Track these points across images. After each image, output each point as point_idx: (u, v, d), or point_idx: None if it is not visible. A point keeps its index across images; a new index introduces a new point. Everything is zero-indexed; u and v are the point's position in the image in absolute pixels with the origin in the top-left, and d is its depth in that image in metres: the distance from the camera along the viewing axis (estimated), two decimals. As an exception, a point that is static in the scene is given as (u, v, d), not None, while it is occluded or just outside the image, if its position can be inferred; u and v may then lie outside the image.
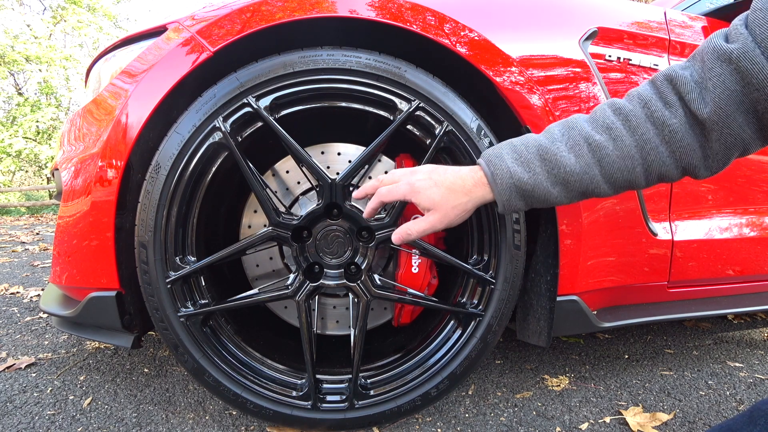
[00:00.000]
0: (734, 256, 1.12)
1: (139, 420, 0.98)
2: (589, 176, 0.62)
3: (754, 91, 0.53)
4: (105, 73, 0.95)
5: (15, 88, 13.58)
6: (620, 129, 0.61)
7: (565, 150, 0.63)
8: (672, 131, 0.59)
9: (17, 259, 3.36)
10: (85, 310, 0.91)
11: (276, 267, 1.08)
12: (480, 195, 0.67)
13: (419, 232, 0.69)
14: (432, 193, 0.67)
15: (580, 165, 0.62)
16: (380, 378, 0.93)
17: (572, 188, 0.64)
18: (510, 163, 0.65)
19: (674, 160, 0.60)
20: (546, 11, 0.93)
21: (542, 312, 0.96)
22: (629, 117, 0.61)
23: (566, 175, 0.63)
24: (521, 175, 0.64)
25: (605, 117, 0.63)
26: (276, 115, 0.85)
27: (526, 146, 0.65)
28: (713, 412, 1.03)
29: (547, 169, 0.63)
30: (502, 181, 0.65)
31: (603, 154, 0.61)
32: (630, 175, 0.62)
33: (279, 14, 0.81)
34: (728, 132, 0.56)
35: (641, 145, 0.60)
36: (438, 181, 0.68)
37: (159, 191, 0.82)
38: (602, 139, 0.62)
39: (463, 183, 0.67)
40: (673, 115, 0.59)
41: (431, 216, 0.68)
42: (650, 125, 0.60)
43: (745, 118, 0.55)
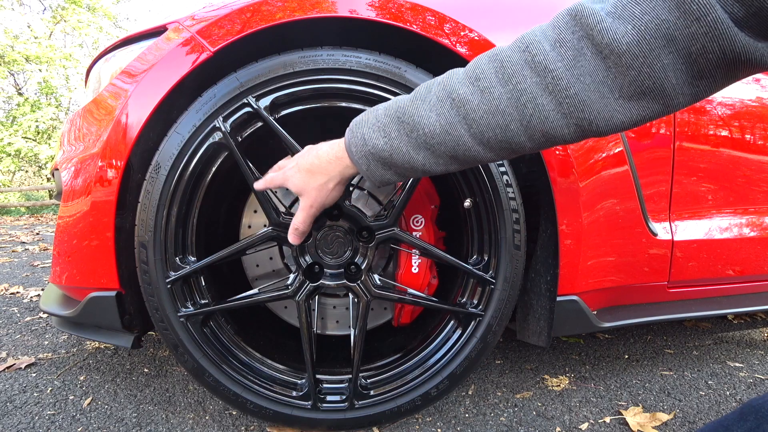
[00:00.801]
0: (734, 256, 1.12)
1: (139, 420, 0.98)
2: (453, 137, 0.54)
3: (693, 21, 0.42)
4: (105, 73, 0.95)
5: (15, 88, 13.58)
6: (490, 78, 0.52)
7: (426, 109, 0.55)
8: (556, 77, 0.48)
9: (17, 259, 3.36)
10: (85, 310, 0.91)
11: (276, 267, 1.08)
12: (337, 171, 0.64)
13: (302, 222, 0.71)
14: (296, 179, 0.67)
15: (441, 124, 0.54)
16: (380, 378, 0.93)
17: (438, 151, 0.56)
18: (366, 129, 0.60)
19: (563, 114, 0.50)
20: (546, 11, 0.93)
21: (542, 312, 0.96)
22: (504, 63, 0.51)
23: (426, 136, 0.55)
24: (376, 140, 0.58)
25: (477, 65, 0.54)
26: (276, 115, 0.85)
27: (387, 110, 0.59)
28: (713, 412, 1.03)
29: (405, 132, 0.57)
30: (357, 150, 0.60)
31: (467, 109, 0.53)
32: (505, 134, 0.53)
33: (279, 14, 0.81)
34: (648, 72, 0.45)
35: (515, 96, 0.50)
36: (301, 165, 0.67)
37: (159, 191, 0.82)
38: (467, 91, 0.53)
39: (319, 162, 0.65)
40: (560, 56, 0.48)
41: (302, 202, 0.69)
42: (528, 71, 0.50)
43: (673, 60, 0.45)
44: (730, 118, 1.07)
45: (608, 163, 0.91)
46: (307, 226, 0.72)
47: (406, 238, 0.87)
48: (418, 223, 0.98)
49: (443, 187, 1.04)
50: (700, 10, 0.42)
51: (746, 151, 1.10)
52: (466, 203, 0.91)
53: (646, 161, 0.98)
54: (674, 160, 1.01)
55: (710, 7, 0.42)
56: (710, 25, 0.42)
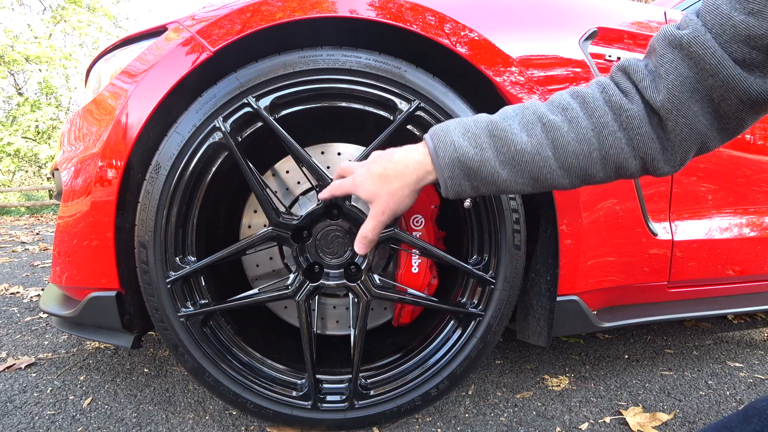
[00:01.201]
0: (734, 256, 1.12)
1: (139, 420, 0.98)
2: (541, 157, 0.57)
3: (708, 77, 0.51)
4: (105, 73, 0.95)
5: (15, 88, 13.58)
6: (577, 110, 0.58)
7: (518, 128, 0.58)
8: (629, 117, 0.55)
9: (17, 259, 3.36)
10: (85, 310, 0.91)
11: (276, 267, 1.08)
12: (415, 178, 0.62)
13: (372, 231, 0.68)
14: (368, 184, 0.65)
15: (532, 144, 0.57)
16: (380, 378, 0.93)
17: (523, 171, 0.58)
18: (456, 136, 0.60)
19: (632, 148, 0.57)
20: (546, 11, 0.93)
21: (542, 312, 0.96)
22: (586, 99, 0.58)
23: (516, 153, 0.58)
24: (467, 149, 0.59)
25: (562, 99, 0.60)
26: (276, 115, 0.85)
27: (476, 122, 0.61)
28: (713, 412, 1.03)
29: (496, 146, 0.58)
30: (444, 155, 0.59)
31: (557, 134, 0.57)
32: (586, 161, 0.58)
33: (279, 14, 0.81)
34: (683, 122, 0.53)
35: (598, 128, 0.57)
36: (372, 171, 0.65)
37: (159, 191, 0.82)
38: (557, 119, 0.58)
39: (394, 167, 0.63)
40: (630, 101, 0.56)
41: (372, 209, 0.66)
42: (608, 109, 0.57)
43: (701, 107, 0.53)
44: (730, 118, 1.07)
45: (608, 163, 0.91)
46: (377, 235, 0.69)
47: (406, 238, 0.87)
48: (418, 223, 0.98)
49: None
50: (712, 69, 0.50)
51: (746, 151, 1.10)
52: (466, 203, 0.91)
53: (646, 161, 0.98)
54: (674, 160, 1.01)
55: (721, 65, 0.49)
56: (723, 79, 0.50)
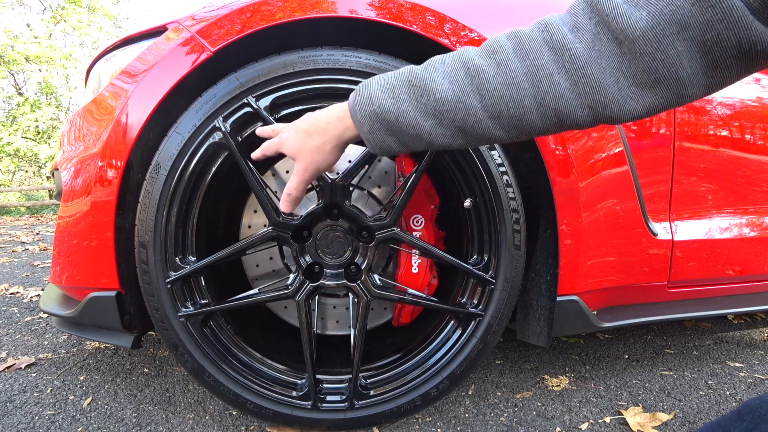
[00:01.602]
0: (734, 256, 1.12)
1: (139, 420, 0.98)
2: (465, 106, 0.53)
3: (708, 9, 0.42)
4: (105, 73, 0.95)
5: (15, 88, 13.58)
6: (508, 52, 0.51)
7: (439, 75, 0.54)
8: (573, 56, 0.48)
9: (17, 259, 3.36)
10: (85, 310, 0.91)
11: (276, 267, 1.08)
12: (336, 133, 0.61)
13: (296, 188, 0.67)
14: (292, 140, 0.65)
15: (454, 91, 0.53)
16: (380, 378, 0.93)
17: (447, 121, 0.54)
18: (373, 89, 0.57)
19: (577, 94, 0.50)
20: (546, 11, 0.93)
21: (542, 312, 0.96)
22: (522, 40, 0.51)
23: (437, 102, 0.53)
24: (383, 101, 0.55)
25: (495, 41, 0.54)
26: (276, 115, 0.85)
27: (398, 74, 0.57)
28: (713, 412, 1.03)
29: (415, 96, 0.54)
30: (361, 109, 0.57)
31: (482, 79, 0.52)
32: (517, 109, 0.52)
33: (279, 14, 0.81)
34: (662, 58, 0.45)
35: (532, 71, 0.50)
36: (297, 127, 0.64)
37: (159, 191, 0.82)
38: (483, 63, 0.52)
39: (317, 122, 0.62)
40: (578, 39, 0.49)
41: (296, 165, 0.65)
42: (546, 49, 0.50)
43: (688, 47, 0.44)
44: (730, 118, 1.07)
45: (608, 162, 0.91)
46: (301, 192, 0.68)
47: (406, 238, 0.87)
48: (418, 223, 0.98)
49: (443, 187, 1.04)
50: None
51: (746, 151, 1.10)
52: (466, 203, 0.91)
53: (646, 161, 0.98)
54: (674, 160, 1.01)
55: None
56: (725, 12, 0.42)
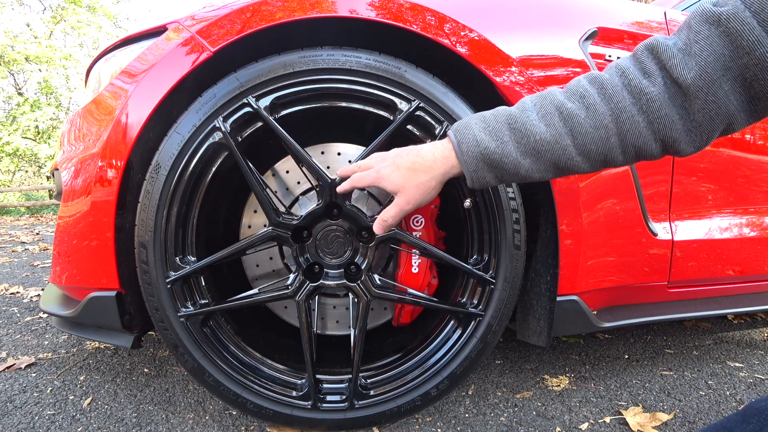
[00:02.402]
0: (734, 256, 1.12)
1: (139, 420, 0.98)
2: (560, 146, 0.60)
3: (744, 55, 0.51)
4: (105, 73, 0.95)
5: (15, 88, 13.58)
6: (594, 97, 0.59)
7: (536, 119, 0.61)
8: (649, 99, 0.56)
9: (17, 259, 3.36)
10: (85, 310, 0.91)
11: (276, 267, 1.08)
12: (442, 171, 0.67)
13: (394, 217, 0.71)
14: (395, 176, 0.69)
15: (551, 134, 0.60)
16: (380, 378, 0.93)
17: (544, 159, 0.61)
18: (477, 131, 0.63)
19: (652, 131, 0.58)
20: (546, 11, 0.93)
21: (542, 312, 0.96)
22: (604, 85, 0.59)
23: (536, 144, 0.60)
24: (488, 143, 0.62)
25: (579, 86, 0.61)
26: (276, 115, 0.85)
27: (496, 116, 0.64)
28: (713, 412, 1.03)
29: (516, 138, 0.61)
30: (468, 150, 0.63)
31: (575, 123, 0.59)
32: (604, 147, 0.59)
33: (279, 14, 0.81)
34: (713, 100, 0.53)
35: (616, 114, 0.58)
36: (399, 164, 0.69)
37: (159, 191, 0.82)
38: (574, 107, 0.59)
39: (423, 161, 0.68)
40: (651, 83, 0.56)
41: (398, 198, 0.70)
42: (626, 93, 0.57)
43: (732, 86, 0.53)
44: (730, 118, 1.07)
45: (608, 163, 0.91)
46: (397, 222, 0.73)
47: (406, 238, 0.87)
48: (418, 223, 0.98)
49: (443, 187, 1.03)
50: (749, 46, 0.50)
51: (746, 151, 1.10)
52: (466, 203, 0.91)
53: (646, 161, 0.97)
54: (674, 160, 1.01)
55: (758, 42, 0.49)
56: (759, 57, 0.50)
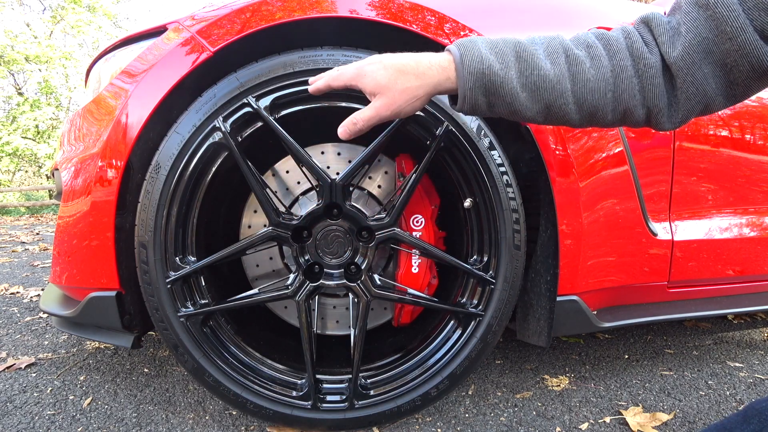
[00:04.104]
0: (734, 256, 1.12)
1: (139, 420, 0.98)
2: (560, 87, 0.59)
3: (727, 40, 0.52)
4: (105, 73, 0.95)
5: (15, 87, 13.58)
6: (600, 50, 0.59)
7: (543, 55, 0.59)
8: (647, 65, 0.57)
9: (17, 259, 3.36)
10: (85, 310, 0.91)
11: (276, 267, 1.08)
12: (435, 80, 0.60)
13: (366, 120, 0.62)
14: (379, 75, 0.60)
15: (555, 73, 0.58)
16: (380, 378, 0.93)
17: (540, 97, 0.59)
18: (484, 49, 0.59)
19: (643, 96, 0.59)
20: (546, 11, 0.93)
21: (542, 312, 0.96)
22: (610, 42, 0.60)
23: (538, 79, 0.58)
24: (493, 63, 0.58)
25: (587, 37, 0.61)
26: (276, 115, 0.85)
27: (504, 41, 0.61)
28: (713, 412, 1.03)
29: (520, 68, 0.59)
30: (470, 65, 0.58)
31: (579, 68, 0.59)
32: (600, 100, 0.59)
33: (279, 14, 0.81)
34: (691, 81, 0.55)
35: (617, 71, 0.58)
36: (387, 64, 0.61)
37: (159, 191, 0.82)
38: (581, 53, 0.59)
39: (416, 65, 0.60)
40: (650, 52, 0.58)
41: (376, 100, 0.61)
42: (628, 54, 0.58)
43: (712, 69, 0.54)
44: (730, 118, 1.07)
45: (608, 163, 0.91)
46: (368, 127, 0.63)
47: (406, 238, 0.87)
48: (418, 223, 0.98)
49: (443, 187, 1.04)
50: (733, 31, 0.51)
51: (746, 151, 1.10)
52: (466, 203, 0.91)
53: (646, 161, 0.98)
54: (674, 160, 1.01)
55: (742, 29, 0.51)
56: (740, 44, 0.52)
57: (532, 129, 0.85)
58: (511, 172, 0.86)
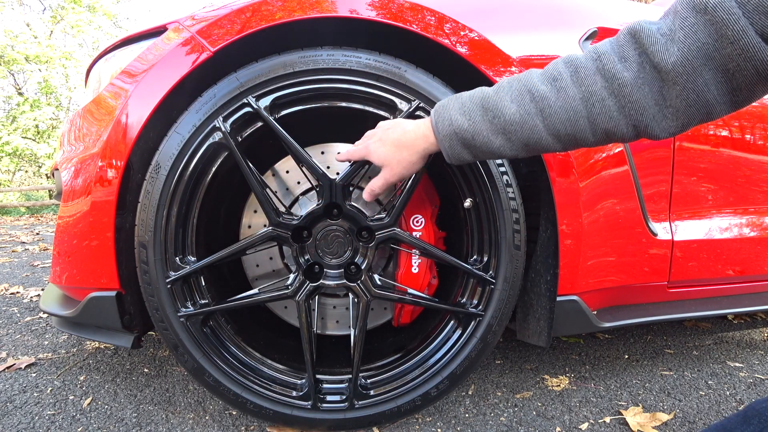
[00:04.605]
0: (734, 256, 1.12)
1: (139, 420, 0.98)
2: (529, 126, 0.62)
3: (728, 45, 0.51)
4: (105, 73, 0.95)
5: (15, 87, 13.58)
6: (566, 80, 0.61)
7: (508, 100, 0.64)
8: (621, 84, 0.57)
9: (17, 259, 3.36)
10: (85, 310, 0.91)
11: (276, 267, 1.08)
12: (422, 148, 0.72)
13: (380, 187, 0.77)
14: (381, 151, 0.75)
15: (520, 114, 0.62)
16: (380, 378, 0.93)
17: (514, 138, 0.64)
18: (453, 112, 0.68)
19: (623, 115, 0.59)
20: (546, 11, 0.93)
21: (542, 312, 0.96)
22: (578, 68, 0.60)
23: (506, 124, 0.64)
24: (461, 122, 0.66)
25: (555, 68, 0.63)
26: (276, 115, 0.85)
27: (471, 97, 0.68)
28: (713, 412, 1.03)
29: (488, 119, 0.65)
30: (443, 129, 0.68)
31: (545, 104, 0.61)
32: (574, 128, 0.61)
33: (279, 14, 0.81)
34: (691, 87, 0.54)
35: (586, 96, 0.59)
36: (385, 140, 0.74)
37: (159, 191, 0.82)
38: (545, 89, 0.62)
39: (406, 139, 0.73)
40: (625, 68, 0.57)
41: (383, 172, 0.76)
42: (599, 77, 0.59)
43: (713, 75, 0.53)
44: (730, 118, 1.07)
45: (608, 163, 0.91)
46: (383, 191, 0.78)
47: (406, 238, 0.87)
48: (418, 223, 0.98)
49: (443, 187, 1.04)
50: (734, 35, 0.50)
51: (746, 151, 1.10)
52: (466, 203, 0.91)
53: (646, 161, 0.98)
54: (674, 160, 1.01)
55: (743, 32, 0.50)
56: (743, 48, 0.50)
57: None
58: (511, 172, 0.86)
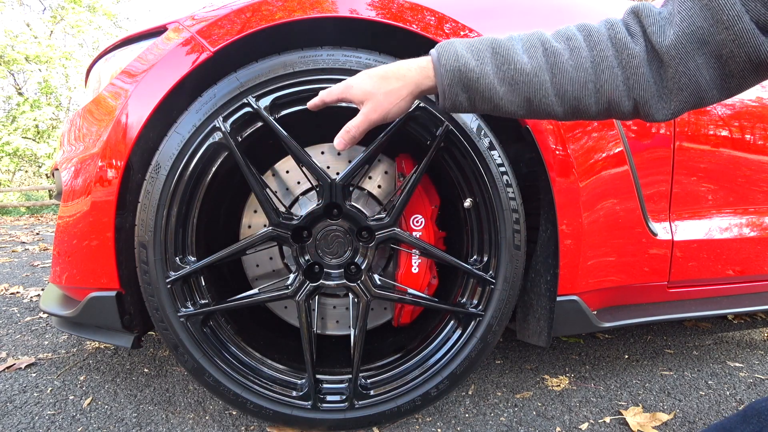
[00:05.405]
0: (734, 256, 1.12)
1: (139, 420, 0.98)
2: (539, 80, 0.59)
3: (723, 30, 0.51)
4: (105, 73, 0.95)
5: (15, 87, 13.58)
6: (580, 41, 0.59)
7: (520, 49, 0.61)
8: (630, 55, 0.57)
9: (17, 259, 3.36)
10: (85, 310, 0.91)
11: (276, 267, 1.08)
12: (416, 79, 0.64)
13: (358, 127, 0.66)
14: (364, 83, 0.65)
15: (532, 65, 0.59)
16: (380, 378, 0.93)
17: (519, 90, 0.60)
18: (460, 48, 0.62)
19: (627, 87, 0.58)
20: (546, 12, 0.93)
21: (542, 312, 0.96)
22: (591, 33, 0.60)
23: (515, 72, 0.60)
24: (468, 59, 0.60)
25: (568, 30, 0.62)
26: (276, 115, 0.85)
27: (481, 40, 0.63)
28: (713, 412, 1.03)
29: (497, 63, 0.60)
30: (446, 63, 0.61)
31: (557, 60, 0.59)
32: (580, 91, 0.59)
33: (279, 14, 0.81)
34: (683, 71, 0.54)
35: (597, 61, 0.58)
36: (372, 73, 0.66)
37: (159, 191, 0.82)
38: (560, 46, 0.60)
39: (397, 69, 0.65)
40: (634, 42, 0.57)
41: (364, 107, 0.65)
42: (610, 45, 0.58)
43: (706, 60, 0.53)
44: (730, 118, 1.07)
45: (608, 163, 0.91)
46: (361, 133, 0.67)
47: (406, 238, 0.87)
48: (418, 223, 0.98)
49: (443, 187, 1.04)
50: (729, 20, 0.50)
51: (746, 151, 1.10)
52: (466, 203, 0.92)
53: (646, 161, 0.98)
54: (674, 160, 1.01)
55: (738, 18, 0.50)
56: (737, 33, 0.50)
57: (532, 129, 0.85)
58: (511, 172, 0.86)
